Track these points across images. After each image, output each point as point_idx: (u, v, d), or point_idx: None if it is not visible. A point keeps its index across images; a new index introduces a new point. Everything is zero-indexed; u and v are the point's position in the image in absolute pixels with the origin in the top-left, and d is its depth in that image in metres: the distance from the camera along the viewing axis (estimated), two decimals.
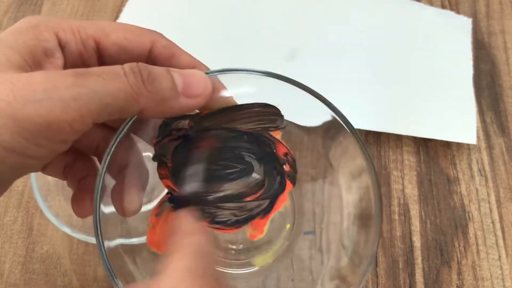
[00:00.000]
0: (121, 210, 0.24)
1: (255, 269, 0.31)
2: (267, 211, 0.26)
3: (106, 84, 0.18)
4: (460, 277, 0.36)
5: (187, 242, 0.20)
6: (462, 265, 0.37)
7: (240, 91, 0.26)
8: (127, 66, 0.19)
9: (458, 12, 0.50)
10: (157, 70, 0.20)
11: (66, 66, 0.22)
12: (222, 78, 0.25)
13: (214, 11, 0.48)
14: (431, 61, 0.46)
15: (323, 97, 0.27)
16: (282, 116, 0.26)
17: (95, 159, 0.26)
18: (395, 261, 0.37)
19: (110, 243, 0.23)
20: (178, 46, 0.24)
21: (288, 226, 0.32)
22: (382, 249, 0.37)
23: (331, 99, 0.42)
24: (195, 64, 0.24)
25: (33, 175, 0.33)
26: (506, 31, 0.49)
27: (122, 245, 0.24)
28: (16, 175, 0.20)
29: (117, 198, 0.23)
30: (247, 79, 0.26)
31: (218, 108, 0.25)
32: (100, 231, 0.22)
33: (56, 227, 0.35)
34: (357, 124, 0.41)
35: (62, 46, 0.22)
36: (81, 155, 0.26)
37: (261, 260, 0.31)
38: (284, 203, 0.27)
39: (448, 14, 0.49)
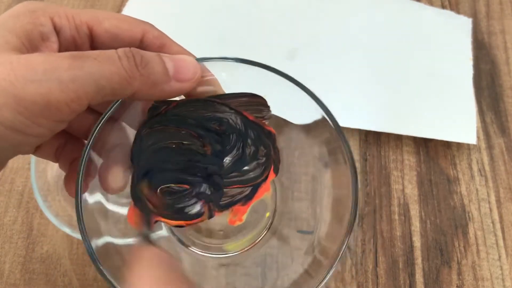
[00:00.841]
0: (106, 187, 0.25)
1: (228, 254, 0.32)
2: (248, 198, 0.26)
3: (101, 67, 0.19)
4: (460, 277, 0.36)
5: (147, 254, 0.21)
6: (462, 265, 0.37)
7: (223, 79, 0.26)
8: (121, 50, 0.20)
9: (458, 12, 0.50)
10: (150, 54, 0.21)
11: (60, 50, 0.23)
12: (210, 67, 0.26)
13: (214, 11, 0.48)
14: (431, 61, 0.46)
15: (310, 91, 0.26)
16: (268, 107, 0.26)
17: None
18: (395, 261, 0.37)
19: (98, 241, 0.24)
20: (168, 37, 0.25)
21: (267, 214, 0.32)
22: (382, 249, 0.37)
23: (331, 99, 0.42)
24: (185, 54, 0.25)
25: (33, 175, 0.33)
26: (506, 31, 0.49)
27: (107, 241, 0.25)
28: (15, 152, 0.21)
29: (103, 175, 0.24)
30: (233, 69, 0.26)
31: (206, 95, 0.26)
32: (81, 206, 0.23)
33: (56, 227, 0.35)
34: (357, 124, 0.41)
35: (57, 31, 0.22)
36: (72, 138, 0.27)
37: (232, 247, 0.32)
38: (266, 192, 0.27)
39: (448, 14, 0.49)
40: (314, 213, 0.30)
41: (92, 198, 0.25)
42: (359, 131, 0.43)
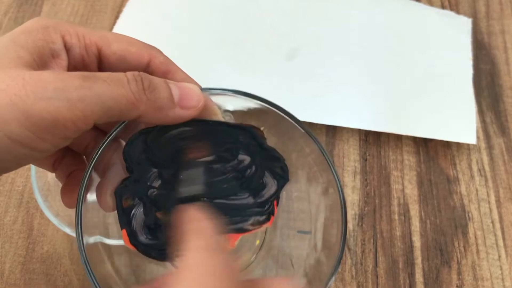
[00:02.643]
0: (104, 206, 0.25)
1: None
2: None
3: (110, 89, 0.20)
4: (460, 277, 0.36)
5: (197, 239, 0.21)
6: (462, 265, 0.37)
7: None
8: (130, 74, 0.21)
9: (458, 12, 0.50)
10: (157, 80, 0.22)
11: (69, 68, 0.23)
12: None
13: (214, 11, 0.48)
14: (431, 61, 0.46)
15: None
16: (265, 139, 0.27)
17: (83, 156, 0.28)
18: (395, 261, 0.37)
19: (90, 239, 0.24)
20: (174, 63, 0.25)
21: (257, 242, 0.32)
22: (382, 249, 0.37)
23: (331, 99, 0.43)
24: (189, 81, 0.25)
25: (33, 175, 0.33)
26: (506, 31, 0.49)
27: (102, 243, 0.26)
28: (18, 164, 0.21)
29: (99, 194, 0.25)
30: (235, 101, 0.27)
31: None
32: (81, 222, 0.23)
33: (56, 227, 0.35)
34: (357, 124, 0.41)
35: (67, 48, 0.23)
36: (70, 151, 0.27)
37: None
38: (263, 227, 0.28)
39: (448, 14, 0.49)
40: (311, 214, 0.30)
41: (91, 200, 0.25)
42: (359, 131, 0.43)
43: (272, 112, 0.27)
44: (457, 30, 0.48)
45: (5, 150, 0.19)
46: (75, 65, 0.23)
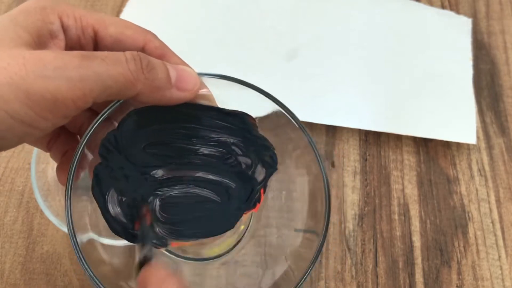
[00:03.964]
0: None
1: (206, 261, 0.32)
2: None
3: (108, 68, 0.20)
4: (460, 277, 0.36)
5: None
6: (462, 265, 0.37)
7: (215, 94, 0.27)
8: (128, 53, 0.21)
9: (458, 12, 0.50)
10: (155, 60, 0.22)
11: (66, 49, 0.23)
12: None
13: (214, 11, 0.48)
14: (431, 61, 0.46)
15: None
16: (257, 127, 0.27)
17: (78, 136, 0.28)
18: (395, 261, 0.37)
19: (82, 236, 0.25)
20: (169, 48, 0.25)
21: (242, 227, 0.33)
22: (382, 249, 0.37)
23: (331, 99, 0.43)
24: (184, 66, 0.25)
25: (33, 175, 0.33)
26: (506, 31, 0.49)
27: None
28: (18, 142, 0.21)
29: (92, 169, 0.25)
30: (227, 86, 0.27)
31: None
32: (70, 199, 0.24)
33: (56, 227, 0.35)
34: (357, 124, 0.41)
35: (64, 29, 0.23)
36: (65, 131, 0.28)
37: (209, 252, 0.32)
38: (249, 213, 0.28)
39: (448, 14, 0.49)
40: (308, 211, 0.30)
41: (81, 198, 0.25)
42: (359, 131, 0.43)
43: (263, 103, 0.27)
44: (457, 30, 0.48)
45: (6, 128, 0.19)
46: (72, 46, 0.24)
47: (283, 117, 0.27)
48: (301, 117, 0.28)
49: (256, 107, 0.27)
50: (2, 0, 0.49)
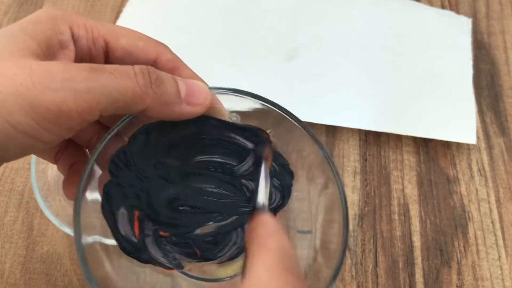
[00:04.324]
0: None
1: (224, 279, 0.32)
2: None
3: (117, 81, 0.20)
4: (460, 277, 0.36)
5: (270, 241, 0.20)
6: (462, 265, 0.37)
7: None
8: (137, 67, 0.21)
9: (458, 12, 0.50)
10: (164, 75, 0.22)
11: (75, 59, 0.23)
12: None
13: (214, 11, 0.48)
14: (431, 61, 0.46)
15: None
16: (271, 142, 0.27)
17: (86, 150, 0.28)
18: (395, 261, 0.37)
19: (88, 238, 0.24)
20: (181, 61, 0.25)
21: None
22: (382, 249, 0.37)
23: (331, 99, 0.43)
24: (196, 79, 0.25)
25: (33, 175, 0.33)
26: (506, 31, 0.49)
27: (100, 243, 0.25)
28: (21, 154, 0.21)
29: (101, 186, 0.25)
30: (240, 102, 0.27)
31: None
32: (79, 214, 0.23)
33: (56, 227, 0.35)
34: (357, 124, 0.41)
35: (74, 40, 0.23)
36: (73, 143, 0.27)
37: (226, 272, 0.32)
38: None
39: (448, 14, 0.49)
40: (311, 213, 0.30)
41: (91, 195, 0.25)
42: (359, 131, 0.43)
43: (273, 112, 0.27)
44: (457, 30, 0.48)
45: (9, 140, 0.19)
46: (82, 57, 0.23)
47: (297, 129, 0.27)
48: (301, 117, 0.27)
49: (270, 120, 0.27)
50: (2, 0, 0.49)
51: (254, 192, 0.26)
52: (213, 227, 0.26)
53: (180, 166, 0.25)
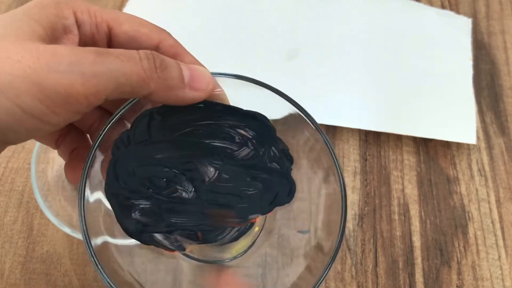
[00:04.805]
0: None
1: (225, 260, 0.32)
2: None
3: (122, 65, 0.20)
4: (460, 277, 0.36)
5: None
6: (462, 265, 0.37)
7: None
8: (142, 52, 0.21)
9: (458, 12, 0.50)
10: (169, 60, 0.22)
11: (79, 44, 0.23)
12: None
13: (214, 11, 0.48)
14: (431, 61, 0.46)
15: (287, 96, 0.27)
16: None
17: (87, 135, 0.28)
18: (395, 261, 0.37)
19: (97, 240, 0.24)
20: (183, 47, 0.25)
21: (256, 229, 0.32)
22: (382, 249, 0.37)
23: (331, 99, 0.43)
24: (198, 65, 0.25)
25: (33, 175, 0.33)
26: (506, 31, 0.49)
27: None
28: (27, 137, 0.21)
29: (104, 169, 0.25)
30: (240, 86, 0.27)
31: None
32: (84, 200, 0.23)
33: (56, 227, 0.35)
34: (357, 124, 0.41)
35: (78, 25, 0.23)
36: (74, 129, 0.28)
37: (227, 254, 0.32)
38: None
39: (448, 14, 0.49)
40: (311, 212, 0.30)
41: (93, 196, 0.25)
42: (359, 131, 0.43)
43: (278, 104, 0.27)
44: (457, 30, 0.48)
45: (17, 122, 0.19)
46: (85, 42, 0.23)
47: (299, 118, 0.27)
48: None
49: (271, 108, 0.27)
50: (2, 0, 0.49)
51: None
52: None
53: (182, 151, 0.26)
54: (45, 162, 0.35)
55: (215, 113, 0.25)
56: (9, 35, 0.20)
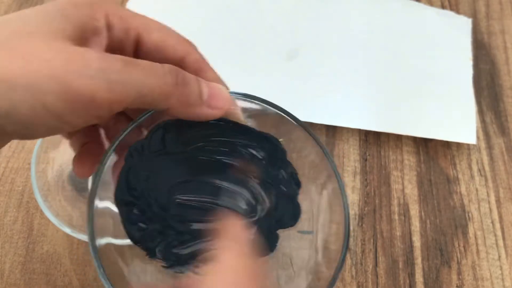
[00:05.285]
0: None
1: None
2: None
3: (147, 78, 0.21)
4: (460, 277, 0.36)
5: (233, 244, 0.23)
6: (462, 265, 0.37)
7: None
8: (167, 66, 0.22)
9: (458, 12, 0.50)
10: (189, 76, 0.23)
11: (106, 48, 0.23)
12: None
13: (214, 11, 0.48)
14: (431, 61, 0.46)
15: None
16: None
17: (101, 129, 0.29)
18: (395, 261, 0.37)
19: (101, 240, 0.24)
20: (207, 63, 0.26)
21: None
22: (382, 249, 0.37)
23: (331, 99, 0.43)
24: (219, 82, 0.26)
25: (33, 175, 0.33)
26: (506, 31, 0.49)
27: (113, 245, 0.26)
28: (46, 134, 0.21)
29: (115, 172, 0.25)
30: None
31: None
32: (94, 202, 0.23)
33: (56, 227, 0.35)
34: (357, 124, 0.41)
35: (108, 28, 0.23)
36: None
37: None
38: None
39: (448, 14, 0.49)
40: (312, 213, 0.30)
41: (102, 203, 0.25)
42: (359, 131, 0.43)
43: (271, 113, 0.27)
44: (457, 30, 0.48)
45: (39, 120, 0.19)
46: (113, 45, 0.23)
47: (298, 130, 0.27)
48: (301, 117, 0.27)
49: (262, 117, 0.27)
50: (2, 0, 0.49)
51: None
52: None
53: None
54: (45, 162, 0.35)
55: (229, 130, 0.26)
56: (40, 32, 0.20)
